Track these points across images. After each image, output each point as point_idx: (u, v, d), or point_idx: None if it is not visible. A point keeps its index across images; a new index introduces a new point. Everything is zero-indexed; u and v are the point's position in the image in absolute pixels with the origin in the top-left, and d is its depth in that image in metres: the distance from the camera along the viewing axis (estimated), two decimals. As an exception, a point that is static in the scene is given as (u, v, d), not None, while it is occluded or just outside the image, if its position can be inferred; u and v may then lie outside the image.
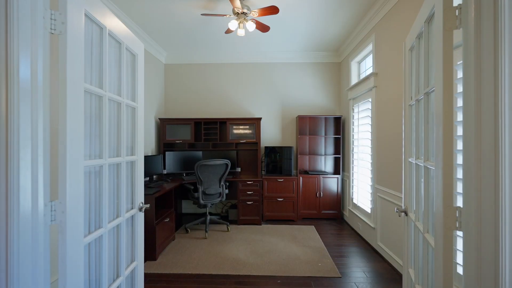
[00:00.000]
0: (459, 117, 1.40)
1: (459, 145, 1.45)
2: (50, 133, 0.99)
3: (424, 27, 1.16)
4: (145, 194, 2.80)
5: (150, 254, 2.82)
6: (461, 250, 1.37)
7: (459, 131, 1.41)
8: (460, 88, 1.41)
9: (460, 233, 1.25)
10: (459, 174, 1.37)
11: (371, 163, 3.18)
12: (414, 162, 1.36)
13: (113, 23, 1.32)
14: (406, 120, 1.53)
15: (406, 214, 1.51)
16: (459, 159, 1.41)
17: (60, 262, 0.98)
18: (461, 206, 0.89)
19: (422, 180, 1.22)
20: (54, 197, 0.98)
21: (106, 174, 1.25)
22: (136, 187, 1.61)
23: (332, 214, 4.19)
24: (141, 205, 1.64)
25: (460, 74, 1.45)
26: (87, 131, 1.15)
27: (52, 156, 1.01)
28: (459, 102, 1.39)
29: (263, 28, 3.01)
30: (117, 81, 1.40)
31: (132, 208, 1.58)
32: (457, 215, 0.89)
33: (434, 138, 0.99)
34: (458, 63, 1.48)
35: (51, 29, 0.96)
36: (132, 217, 1.58)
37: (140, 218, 1.65)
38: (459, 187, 1.37)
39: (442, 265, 0.89)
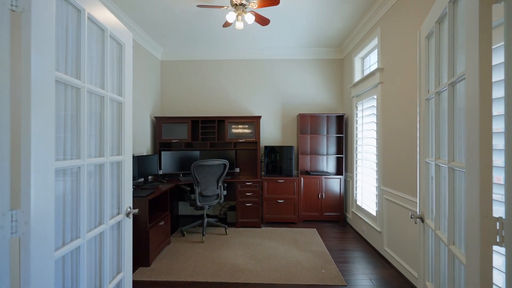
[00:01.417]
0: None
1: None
2: (13, 129, 0.84)
3: (448, 7, 1.01)
4: (138, 196, 2.65)
5: (144, 259, 2.66)
6: (499, 268, 1.22)
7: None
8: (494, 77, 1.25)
9: (498, 248, 1.09)
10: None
11: (376, 163, 3.03)
12: (433, 163, 1.21)
13: (94, 6, 1.17)
14: (422, 117, 1.38)
15: (422, 220, 1.36)
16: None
17: (23, 282, 0.82)
18: (503, 217, 0.74)
19: (446, 183, 1.07)
20: (16, 205, 0.83)
21: (85, 176, 1.10)
22: (122, 190, 1.45)
23: (334, 217, 4.04)
24: (129, 210, 1.49)
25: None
26: (61, 127, 1.00)
27: (14, 157, 0.86)
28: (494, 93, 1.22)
29: (262, 21, 2.85)
30: (99, 73, 1.25)
31: (118, 214, 1.43)
32: (497, 227, 0.74)
33: (465, 135, 0.84)
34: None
35: (11, 5, 0.81)
36: (118, 223, 1.43)
37: (128, 224, 1.50)
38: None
39: (480, 287, 0.74)
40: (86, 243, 1.12)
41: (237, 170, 4.22)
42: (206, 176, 3.38)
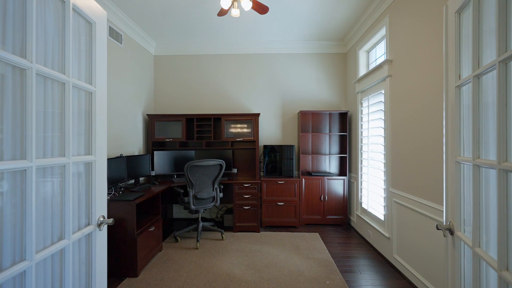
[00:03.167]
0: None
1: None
2: None
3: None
4: (124, 200, 2.42)
5: (131, 270, 2.43)
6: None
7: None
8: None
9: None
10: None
11: (384, 163, 2.80)
12: (469, 164, 0.99)
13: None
14: (450, 108, 1.15)
15: (451, 232, 1.13)
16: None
17: None
18: None
19: (492, 189, 0.84)
20: None
21: (32, 181, 0.87)
22: (93, 197, 1.22)
23: (337, 220, 3.81)
24: (102, 219, 1.26)
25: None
26: (-5, 118, 0.77)
27: None
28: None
29: (261, 8, 2.62)
30: (58, 54, 1.02)
31: (88, 225, 1.20)
32: None
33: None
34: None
35: None
36: (88, 236, 1.20)
37: (100, 237, 1.26)
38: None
39: None
40: (36, 266, 0.89)
41: (235, 170, 3.99)
42: (200, 177, 3.15)
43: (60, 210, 1.03)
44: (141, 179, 3.68)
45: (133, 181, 3.43)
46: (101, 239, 1.27)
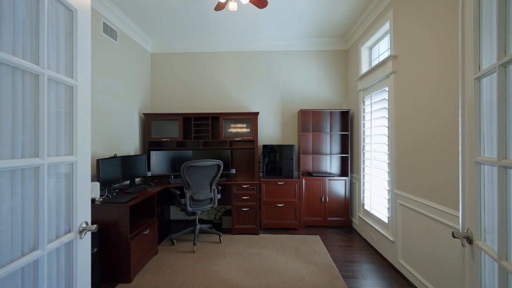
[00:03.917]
0: None
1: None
2: None
3: None
4: (117, 203, 2.31)
5: (124, 275, 2.32)
6: None
7: None
8: None
9: None
10: None
11: (388, 163, 2.69)
12: (494, 165, 0.88)
13: None
14: (468, 103, 1.04)
15: (469, 241, 1.02)
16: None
17: None
18: None
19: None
20: None
21: (-4, 186, 0.76)
22: (75, 201, 1.11)
23: (339, 222, 3.70)
24: (84, 226, 1.15)
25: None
26: None
27: None
28: None
29: (259, 2, 2.51)
30: (31, 43, 0.91)
31: (69, 232, 1.09)
32: None
33: None
34: None
35: None
36: (68, 245, 1.09)
37: (82, 246, 1.15)
38: None
39: None
40: (0, 281, 0.78)
41: (233, 171, 3.88)
42: (198, 178, 3.04)
43: (34, 217, 0.92)
44: (137, 180, 3.57)
45: (128, 182, 3.33)
46: (84, 247, 1.16)
